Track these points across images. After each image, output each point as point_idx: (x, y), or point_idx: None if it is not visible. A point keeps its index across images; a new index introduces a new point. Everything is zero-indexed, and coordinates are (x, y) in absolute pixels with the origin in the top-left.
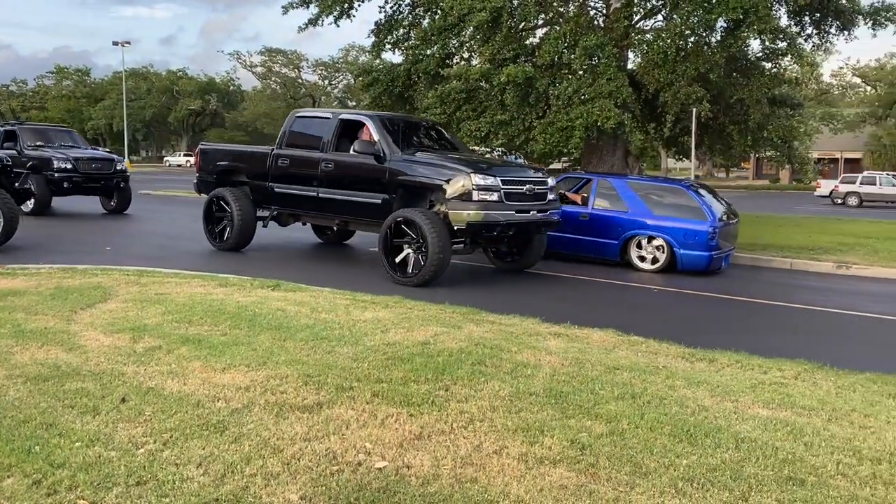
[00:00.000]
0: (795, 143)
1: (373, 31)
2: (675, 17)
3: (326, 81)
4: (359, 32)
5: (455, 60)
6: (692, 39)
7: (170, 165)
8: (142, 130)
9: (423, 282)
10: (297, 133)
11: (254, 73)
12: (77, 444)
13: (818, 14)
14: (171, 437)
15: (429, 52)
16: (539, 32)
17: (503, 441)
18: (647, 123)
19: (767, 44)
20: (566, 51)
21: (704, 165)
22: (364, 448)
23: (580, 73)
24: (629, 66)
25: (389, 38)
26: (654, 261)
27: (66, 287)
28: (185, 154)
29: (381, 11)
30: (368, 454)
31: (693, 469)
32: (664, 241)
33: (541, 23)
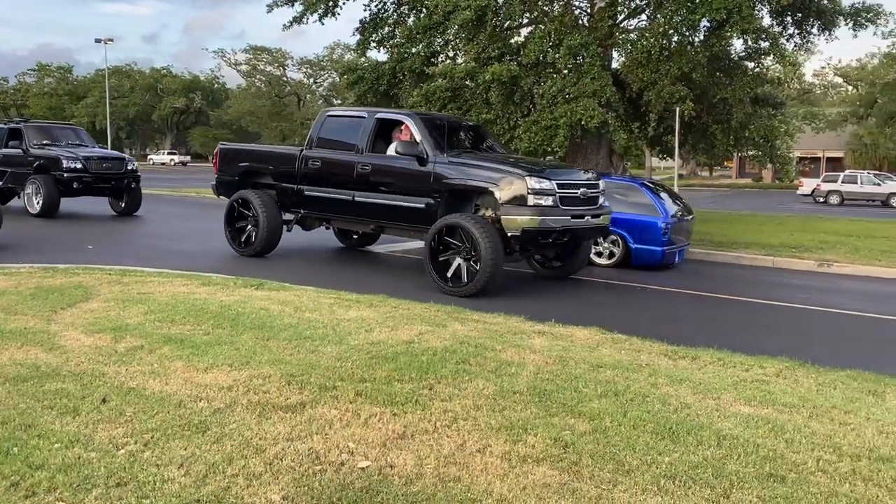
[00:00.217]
0: (778, 143)
1: (358, 30)
2: (659, 17)
3: (311, 80)
4: (344, 30)
5: (440, 59)
6: (676, 39)
7: (154, 164)
8: (125, 129)
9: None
10: (329, 133)
11: (238, 72)
12: (56, 446)
13: (800, 14)
14: (153, 438)
15: (414, 51)
16: (524, 31)
17: (487, 440)
18: (631, 122)
19: (750, 44)
20: (551, 50)
21: (688, 164)
22: (347, 448)
23: (565, 72)
24: (613, 66)
25: (374, 37)
26: (611, 255)
27: (47, 286)
28: (169, 152)
29: (366, 10)
30: (351, 454)
31: (675, 466)
32: (619, 237)
33: (525, 22)
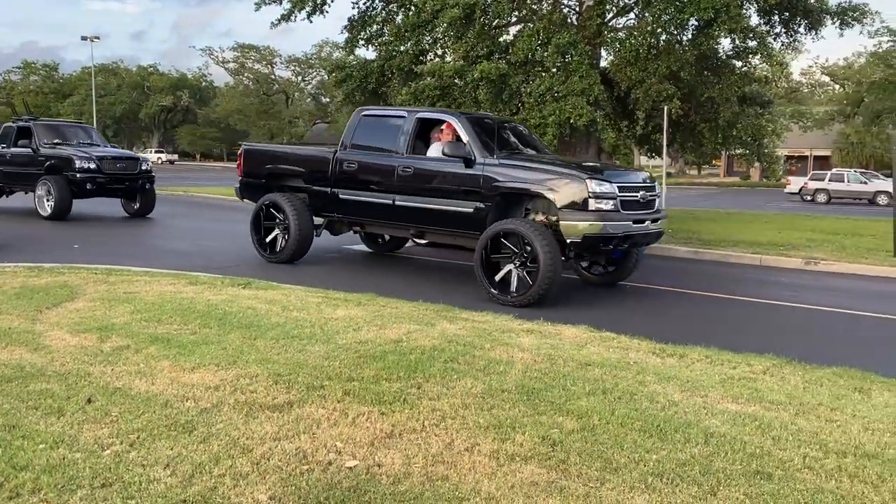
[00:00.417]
0: (765, 141)
1: (346, 27)
2: (648, 16)
3: (300, 78)
4: (332, 28)
5: (429, 57)
6: (664, 38)
7: None
8: (112, 127)
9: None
10: (365, 133)
11: (226, 69)
12: (41, 446)
13: (787, 13)
14: (138, 438)
15: (402, 49)
16: (512, 30)
17: (475, 438)
18: (620, 121)
19: (738, 43)
20: (539, 48)
21: (677, 163)
22: (335, 447)
23: (553, 71)
24: (602, 64)
25: (363, 35)
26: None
27: (32, 286)
28: (157, 151)
29: (355, 7)
30: (339, 453)
31: (663, 464)
32: None
33: (514, 20)
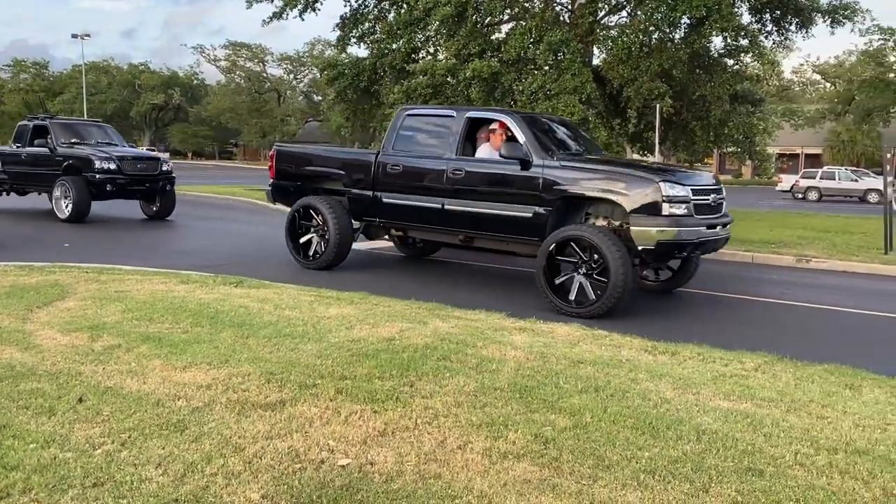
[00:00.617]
0: (757, 139)
1: (338, 25)
2: (640, 14)
3: (292, 76)
4: (324, 26)
5: (421, 55)
6: (656, 36)
7: None
8: None
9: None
10: (411, 134)
11: (218, 67)
12: (32, 446)
13: (778, 12)
14: (130, 437)
15: (394, 47)
16: (504, 28)
17: (467, 436)
18: (612, 119)
19: (730, 41)
20: (531, 46)
21: (669, 161)
22: (327, 446)
23: (545, 69)
24: (594, 62)
25: (355, 32)
26: None
27: (23, 285)
28: (148, 149)
29: (347, 5)
30: (332, 452)
31: (655, 461)
32: None
33: (506, 18)
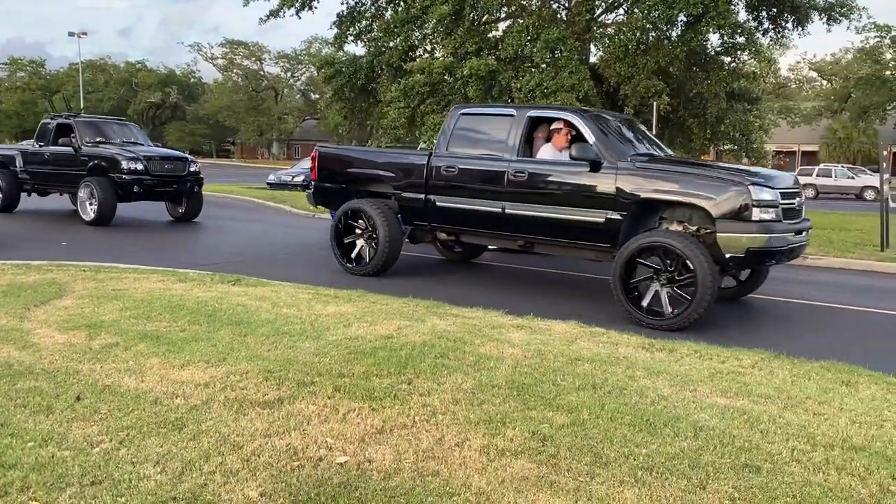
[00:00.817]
0: (753, 137)
1: (335, 23)
2: (637, 12)
3: (289, 74)
4: (321, 24)
5: (418, 53)
6: (653, 34)
7: None
8: None
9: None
10: (466, 134)
11: (215, 66)
12: (29, 444)
13: (775, 9)
14: (128, 436)
15: (392, 45)
16: (502, 26)
17: (465, 434)
18: None
19: (726, 39)
20: (528, 44)
21: None
22: (325, 443)
23: (543, 67)
24: (591, 60)
25: (352, 30)
26: None
27: (20, 284)
28: None
29: (344, 3)
30: (330, 449)
31: (652, 458)
32: None
33: (503, 16)
